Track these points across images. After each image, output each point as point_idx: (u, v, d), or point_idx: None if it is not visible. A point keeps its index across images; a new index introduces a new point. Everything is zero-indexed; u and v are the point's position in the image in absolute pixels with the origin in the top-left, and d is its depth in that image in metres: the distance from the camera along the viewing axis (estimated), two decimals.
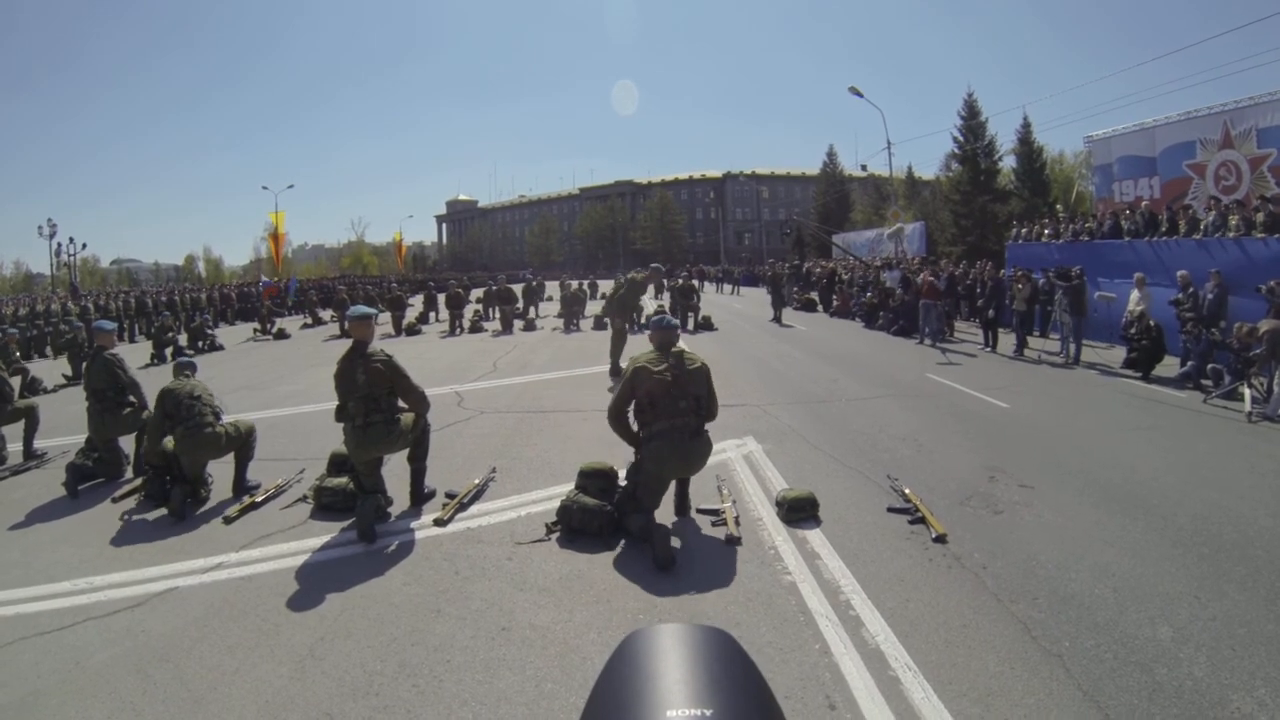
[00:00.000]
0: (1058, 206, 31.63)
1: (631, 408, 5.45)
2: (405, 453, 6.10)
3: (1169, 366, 11.92)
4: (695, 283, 26.22)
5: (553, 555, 5.12)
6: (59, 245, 41.79)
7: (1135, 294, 13.14)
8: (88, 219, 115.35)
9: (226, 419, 6.74)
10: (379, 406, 5.67)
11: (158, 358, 17.27)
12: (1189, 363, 11.25)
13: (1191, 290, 12.41)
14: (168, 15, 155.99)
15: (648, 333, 5.77)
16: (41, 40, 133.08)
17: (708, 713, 0.34)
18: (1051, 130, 79.78)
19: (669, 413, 5.22)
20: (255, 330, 23.90)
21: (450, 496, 6.13)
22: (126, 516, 6.21)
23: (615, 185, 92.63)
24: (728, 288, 43.88)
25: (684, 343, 5.75)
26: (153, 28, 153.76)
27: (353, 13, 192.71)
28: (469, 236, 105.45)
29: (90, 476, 7.08)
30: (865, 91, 30.78)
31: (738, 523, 5.45)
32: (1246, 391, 9.29)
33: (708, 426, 5.52)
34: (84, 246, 45.53)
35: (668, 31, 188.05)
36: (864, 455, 7.31)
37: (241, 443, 6.64)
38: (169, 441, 6.42)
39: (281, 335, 22.14)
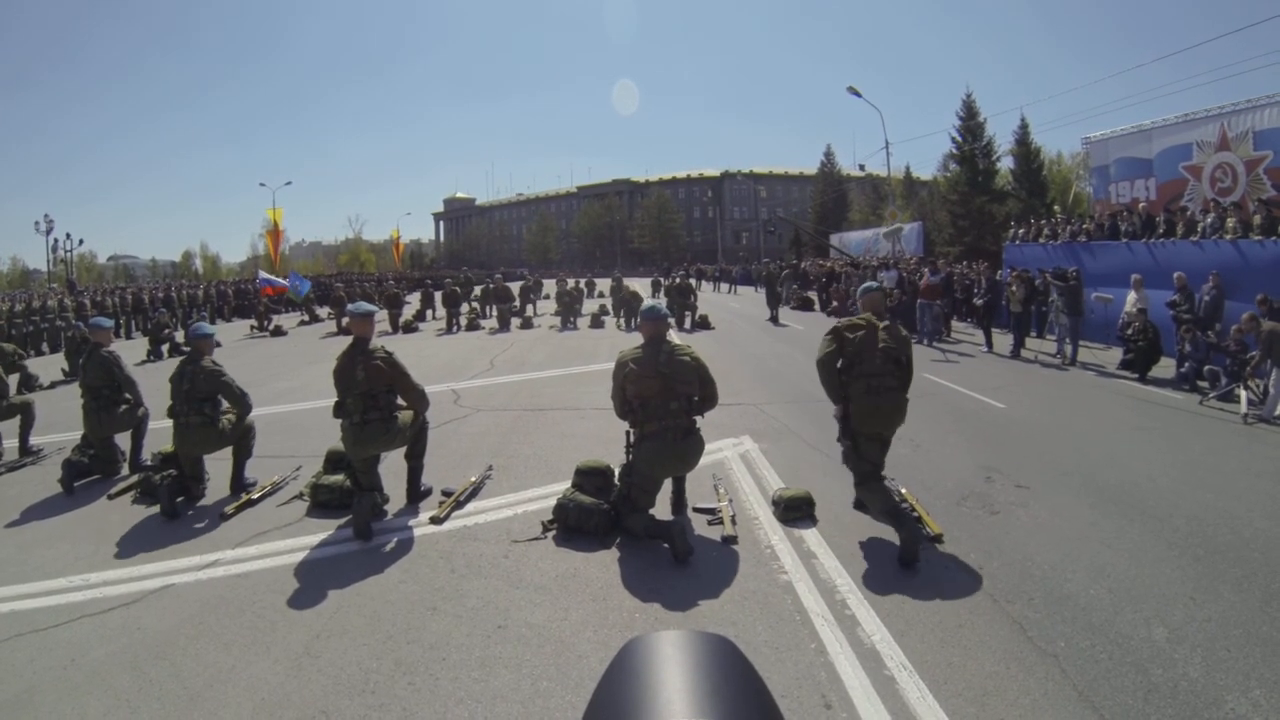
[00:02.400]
0: (1055, 207, 31.67)
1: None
2: (402, 450, 6.10)
3: (1165, 368, 11.95)
4: (692, 282, 26.20)
5: (549, 553, 5.12)
6: (56, 241, 41.84)
7: (1133, 295, 13.17)
8: (85, 215, 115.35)
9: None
10: (377, 404, 5.67)
11: (154, 354, 17.26)
12: (1186, 364, 11.26)
13: (1189, 293, 12.42)
14: (165, 12, 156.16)
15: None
16: (40, 37, 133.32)
17: None
18: (1049, 131, 79.84)
19: (659, 414, 5.20)
20: (252, 327, 23.84)
21: (447, 494, 6.13)
22: (122, 513, 6.20)
23: (613, 184, 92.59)
24: (725, 287, 43.88)
25: (681, 341, 5.73)
26: (150, 24, 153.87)
27: (351, 9, 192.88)
28: (467, 234, 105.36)
29: (86, 473, 7.07)
30: (863, 91, 30.87)
31: (734, 522, 5.46)
32: (1243, 393, 9.31)
33: (710, 412, 5.52)
34: (81, 242, 45.55)
35: (666, 30, 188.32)
36: None
37: (238, 439, 6.63)
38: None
39: (279, 332, 22.10)
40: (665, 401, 5.19)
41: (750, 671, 0.38)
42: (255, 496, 6.32)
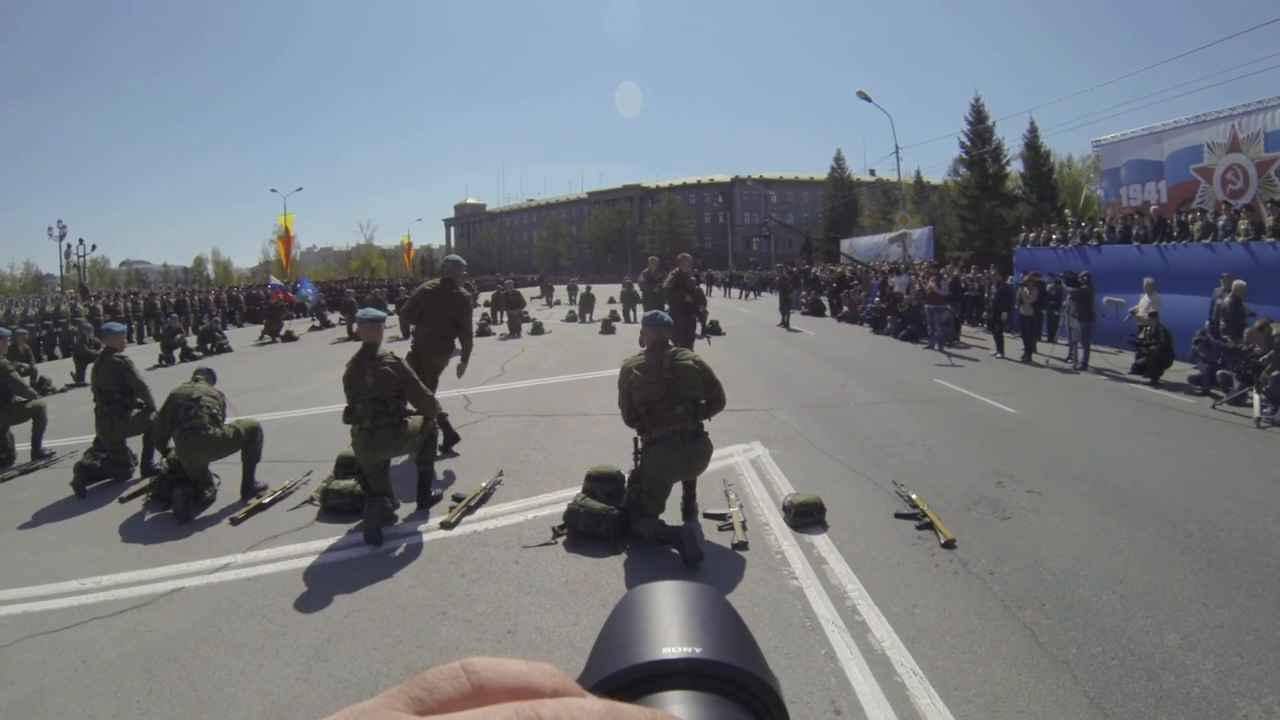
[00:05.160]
0: (1066, 211, 31.52)
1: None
2: (413, 455, 6.11)
3: (1178, 372, 11.87)
4: (703, 288, 26.20)
5: (559, 559, 5.12)
6: (69, 246, 42.11)
7: (1145, 299, 13.08)
8: (98, 220, 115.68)
9: (229, 420, 6.76)
10: (387, 409, 5.68)
11: (166, 359, 17.36)
12: (1201, 367, 11.15)
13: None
14: (175, 18, 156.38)
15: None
16: (50, 43, 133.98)
17: (697, 650, 0.39)
18: (1060, 134, 79.46)
19: (666, 419, 5.21)
20: (262, 334, 23.59)
21: (457, 499, 6.14)
22: (134, 517, 6.23)
23: (623, 189, 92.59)
24: (735, 292, 43.88)
25: (694, 346, 5.74)
26: (161, 31, 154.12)
27: (360, 16, 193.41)
28: (477, 240, 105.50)
29: (98, 477, 7.10)
30: (873, 95, 30.74)
31: (744, 527, 5.45)
32: (1256, 397, 9.24)
33: (720, 417, 5.51)
34: (93, 248, 45.81)
35: (675, 35, 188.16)
36: (871, 460, 7.30)
37: (245, 443, 6.66)
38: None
39: (289, 337, 22.17)
40: (671, 406, 5.20)
41: (735, 615, 0.43)
42: (266, 501, 6.34)
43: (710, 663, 0.39)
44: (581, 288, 29.18)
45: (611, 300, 29.26)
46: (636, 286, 20.19)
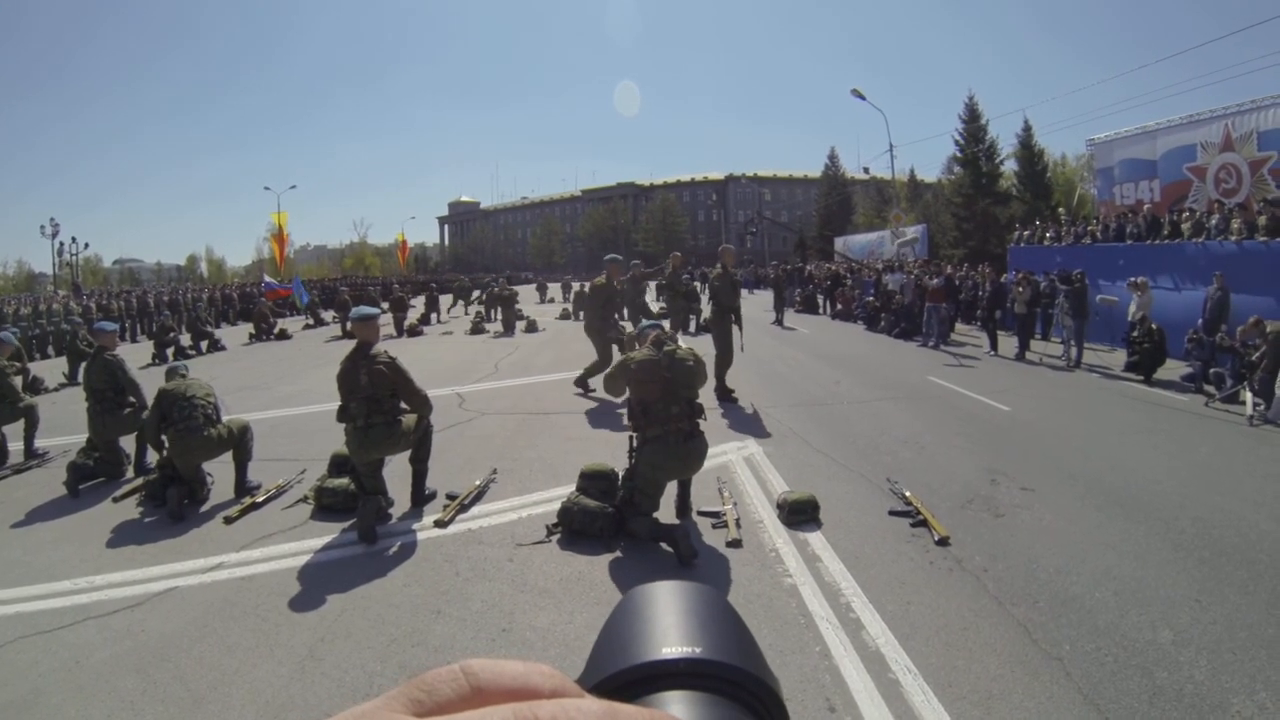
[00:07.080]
0: (1060, 210, 31.60)
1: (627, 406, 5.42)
2: (407, 454, 6.10)
3: (1171, 370, 11.91)
4: (697, 285, 26.22)
5: (553, 557, 5.12)
6: (61, 245, 41.90)
7: (1137, 296, 13.13)
8: (91, 219, 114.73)
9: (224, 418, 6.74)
10: (381, 408, 5.67)
11: (159, 358, 17.28)
12: (1194, 365, 11.19)
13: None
14: (169, 17, 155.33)
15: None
16: (44, 42, 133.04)
17: (698, 650, 0.39)
18: (1053, 133, 79.54)
19: (662, 418, 5.21)
20: (250, 335, 23.10)
21: (451, 498, 6.13)
22: (127, 516, 6.20)
23: (617, 187, 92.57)
24: None
25: (688, 344, 5.73)
26: (154, 29, 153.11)
27: (354, 14, 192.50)
28: (471, 238, 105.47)
29: (91, 476, 7.08)
30: (868, 94, 30.79)
31: (738, 525, 5.45)
32: (1248, 395, 9.27)
33: (715, 415, 5.50)
34: (86, 246, 45.60)
35: (670, 33, 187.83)
36: (865, 458, 7.31)
37: (236, 442, 6.63)
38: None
39: (283, 336, 22.08)
40: (667, 406, 5.20)
41: (735, 615, 0.44)
42: (260, 500, 6.33)
43: (710, 663, 0.39)
44: (575, 285, 29.25)
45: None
46: (649, 285, 19.93)
